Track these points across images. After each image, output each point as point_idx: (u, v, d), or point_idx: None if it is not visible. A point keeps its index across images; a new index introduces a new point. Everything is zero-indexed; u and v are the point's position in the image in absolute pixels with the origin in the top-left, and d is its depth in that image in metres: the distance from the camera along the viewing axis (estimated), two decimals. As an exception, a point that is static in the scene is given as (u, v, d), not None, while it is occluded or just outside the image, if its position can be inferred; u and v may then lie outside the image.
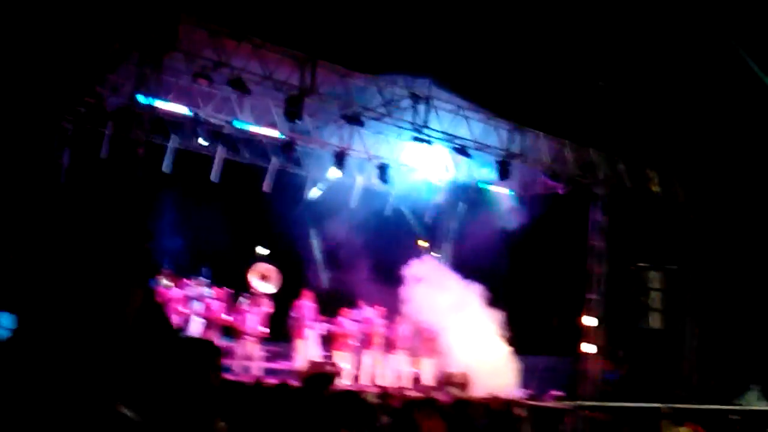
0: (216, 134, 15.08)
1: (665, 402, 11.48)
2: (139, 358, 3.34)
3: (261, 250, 15.88)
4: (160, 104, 12.98)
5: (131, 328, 3.47)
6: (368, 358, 15.28)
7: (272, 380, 11.31)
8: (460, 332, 15.50)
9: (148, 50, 11.89)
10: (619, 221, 16.90)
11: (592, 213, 16.96)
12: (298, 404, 4.55)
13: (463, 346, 15.64)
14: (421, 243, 18.14)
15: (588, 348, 16.43)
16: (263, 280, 14.97)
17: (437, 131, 14.44)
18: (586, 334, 16.56)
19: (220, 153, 15.67)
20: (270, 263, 15.41)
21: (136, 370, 3.27)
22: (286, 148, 15.26)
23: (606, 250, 16.77)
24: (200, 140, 15.01)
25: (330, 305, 15.35)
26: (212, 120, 14.54)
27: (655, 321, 16.72)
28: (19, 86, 12.24)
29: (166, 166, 15.25)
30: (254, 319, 14.48)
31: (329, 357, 14.90)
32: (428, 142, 14.58)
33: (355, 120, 13.91)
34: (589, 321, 16.54)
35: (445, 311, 15.38)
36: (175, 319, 13.51)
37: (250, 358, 14.28)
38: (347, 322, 15.16)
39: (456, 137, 14.77)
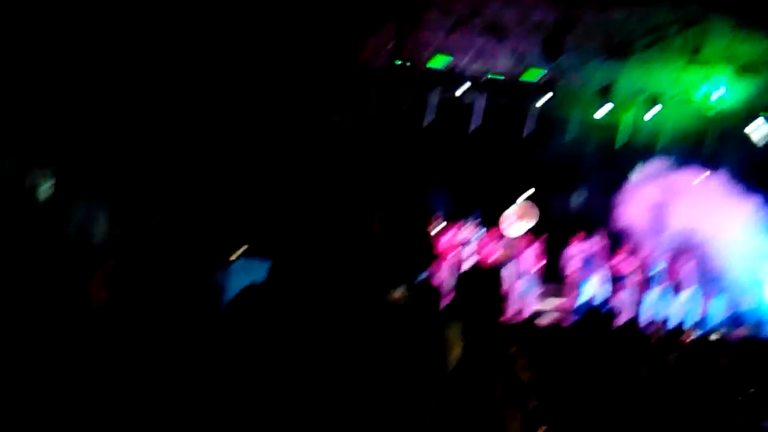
0: (475, 83, 15.14)
1: None
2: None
3: (524, 195, 15.84)
4: (420, 60, 13.36)
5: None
6: (653, 296, 14.81)
7: (546, 320, 11.38)
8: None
9: (405, 12, 12.22)
10: None
11: None
12: (580, 341, 4.49)
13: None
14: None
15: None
16: (521, 219, 15.06)
17: (712, 54, 13.27)
18: None
19: (481, 101, 15.76)
20: (530, 202, 15.41)
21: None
22: (546, 89, 14.97)
23: None
24: (460, 90, 15.20)
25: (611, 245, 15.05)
26: (470, 70, 14.66)
27: None
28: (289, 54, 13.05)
29: (427, 119, 15.68)
30: (528, 257, 14.60)
31: (611, 297, 14.67)
32: (702, 67, 13.46)
33: (618, 53, 13.25)
34: None
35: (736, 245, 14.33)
36: (449, 263, 14.08)
37: (525, 297, 14.46)
38: (627, 261, 14.76)
39: (736, 57, 13.47)
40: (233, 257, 10.20)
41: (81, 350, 3.02)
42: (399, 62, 12.45)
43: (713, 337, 10.75)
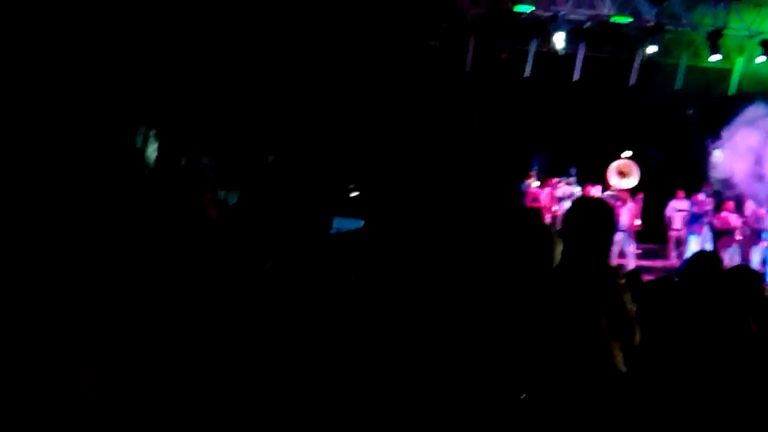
0: (577, 32, 14.62)
1: None
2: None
3: (625, 154, 15.27)
4: (518, 9, 12.98)
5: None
6: (757, 253, 14.13)
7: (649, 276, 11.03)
8: None
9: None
10: None
11: None
12: (686, 293, 4.25)
13: None
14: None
15: None
16: (622, 177, 14.58)
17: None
18: None
19: (581, 51, 15.22)
20: (631, 159, 14.88)
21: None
22: (653, 34, 14.33)
23: None
24: (560, 41, 14.71)
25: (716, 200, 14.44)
26: (572, 17, 14.17)
27: None
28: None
29: (527, 70, 15.25)
30: (626, 215, 14.13)
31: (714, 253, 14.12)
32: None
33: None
34: None
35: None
36: (546, 219, 13.77)
37: (623, 255, 14.03)
38: (732, 216, 14.13)
39: None
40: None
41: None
42: (498, 10, 12.11)
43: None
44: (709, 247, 14.22)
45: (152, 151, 10.97)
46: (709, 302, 3.94)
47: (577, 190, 14.49)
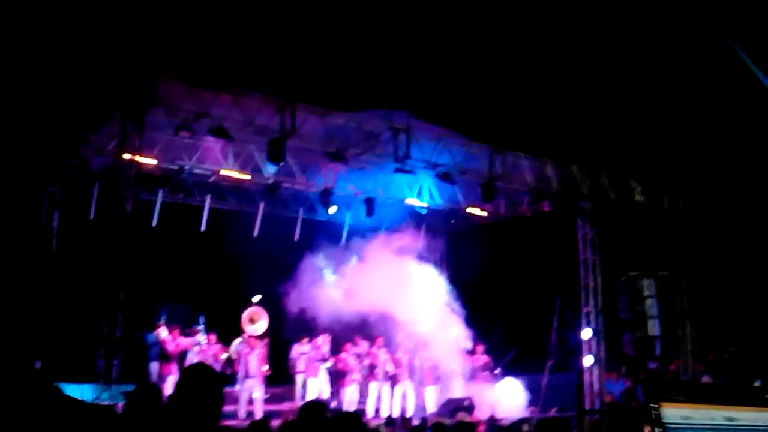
0: (202, 185, 15.24)
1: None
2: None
3: (255, 298, 15.91)
4: (144, 160, 13.14)
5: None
6: (374, 389, 15.42)
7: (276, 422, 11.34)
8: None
9: (129, 108, 12.09)
10: (606, 233, 17.08)
11: (579, 227, 17.12)
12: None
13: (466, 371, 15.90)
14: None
15: (588, 361, 16.53)
16: (251, 323, 15.20)
17: (419, 161, 14.66)
18: (585, 347, 16.67)
19: (208, 203, 15.85)
20: (259, 306, 15.55)
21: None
22: (272, 191, 15.44)
23: (597, 262, 16.94)
24: (187, 192, 15.23)
25: (334, 343, 15.54)
26: (198, 171, 14.74)
27: (652, 328, 16.84)
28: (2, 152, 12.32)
29: (154, 220, 15.37)
30: (254, 361, 14.51)
31: (335, 393, 15.07)
32: (411, 172, 14.80)
33: (337, 157, 14.09)
34: (587, 334, 16.65)
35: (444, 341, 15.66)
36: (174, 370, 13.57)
37: (251, 402, 14.28)
38: (351, 357, 15.31)
39: (438, 165, 14.98)
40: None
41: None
42: (123, 161, 12.14)
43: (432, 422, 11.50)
44: (328, 388, 15.21)
45: None
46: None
47: (203, 339, 14.52)
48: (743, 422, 2.89)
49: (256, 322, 15.37)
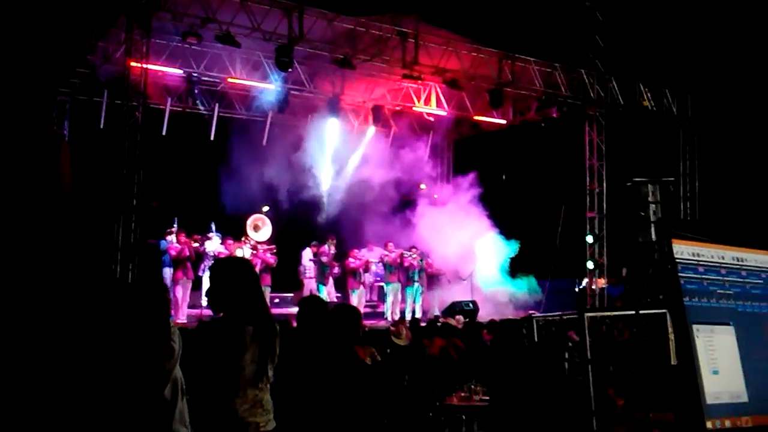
0: (211, 92, 15.23)
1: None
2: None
3: (264, 209, 16.11)
4: (152, 67, 13.10)
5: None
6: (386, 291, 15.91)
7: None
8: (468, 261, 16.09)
9: (135, 12, 12.00)
10: (614, 139, 17.11)
11: (587, 133, 17.14)
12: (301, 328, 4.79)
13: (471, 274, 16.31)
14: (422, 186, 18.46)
15: (590, 265, 16.88)
16: (256, 230, 15.42)
17: (427, 66, 14.56)
18: (589, 252, 16.98)
19: (216, 111, 15.90)
20: (264, 214, 15.79)
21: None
22: (280, 99, 15.43)
23: (603, 168, 17.05)
24: (197, 100, 15.26)
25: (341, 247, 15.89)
26: (206, 78, 14.73)
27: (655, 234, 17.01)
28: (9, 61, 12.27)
29: (164, 129, 15.46)
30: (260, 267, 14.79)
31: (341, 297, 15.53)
32: (419, 78, 14.73)
33: (345, 64, 14.01)
34: (591, 239, 16.93)
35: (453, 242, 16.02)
36: (189, 274, 13.88)
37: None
38: (358, 261, 15.62)
39: (446, 70, 14.88)
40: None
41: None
42: (131, 69, 12.11)
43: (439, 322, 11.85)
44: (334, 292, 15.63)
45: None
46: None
47: (216, 244, 14.78)
48: (751, 263, 3.05)
49: (260, 229, 15.55)
